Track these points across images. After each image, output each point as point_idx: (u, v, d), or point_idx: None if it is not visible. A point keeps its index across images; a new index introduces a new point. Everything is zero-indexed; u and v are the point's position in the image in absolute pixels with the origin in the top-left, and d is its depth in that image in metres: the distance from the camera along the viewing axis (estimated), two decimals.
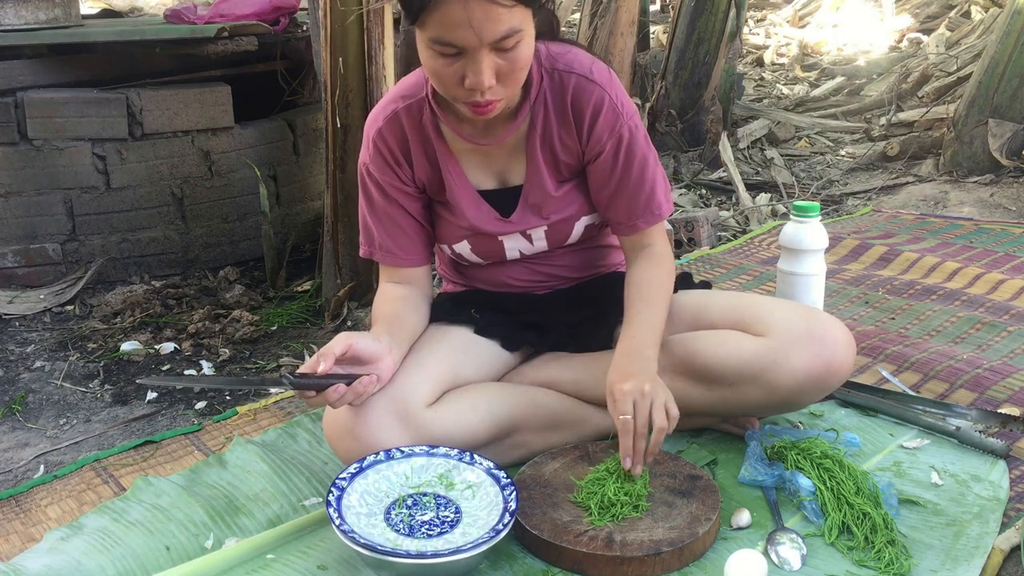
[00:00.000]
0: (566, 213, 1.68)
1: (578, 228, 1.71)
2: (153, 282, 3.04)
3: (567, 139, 1.61)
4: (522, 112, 1.59)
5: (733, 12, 4.43)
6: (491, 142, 1.61)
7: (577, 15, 4.55)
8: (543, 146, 1.62)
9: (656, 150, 1.69)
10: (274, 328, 2.68)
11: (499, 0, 1.35)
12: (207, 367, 2.44)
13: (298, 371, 1.46)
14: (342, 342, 1.48)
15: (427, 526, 1.42)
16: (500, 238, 1.70)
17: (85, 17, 3.73)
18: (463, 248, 1.73)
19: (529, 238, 1.71)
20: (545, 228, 1.69)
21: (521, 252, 1.73)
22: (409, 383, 1.57)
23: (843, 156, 4.54)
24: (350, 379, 1.47)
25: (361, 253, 1.76)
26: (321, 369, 1.43)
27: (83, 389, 2.34)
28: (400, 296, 1.70)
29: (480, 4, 1.35)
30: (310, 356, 2.39)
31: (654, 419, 1.47)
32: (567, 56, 1.60)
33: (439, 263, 1.91)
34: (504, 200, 1.67)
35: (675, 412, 1.49)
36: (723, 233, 3.40)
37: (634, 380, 1.48)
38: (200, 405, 2.19)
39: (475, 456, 1.54)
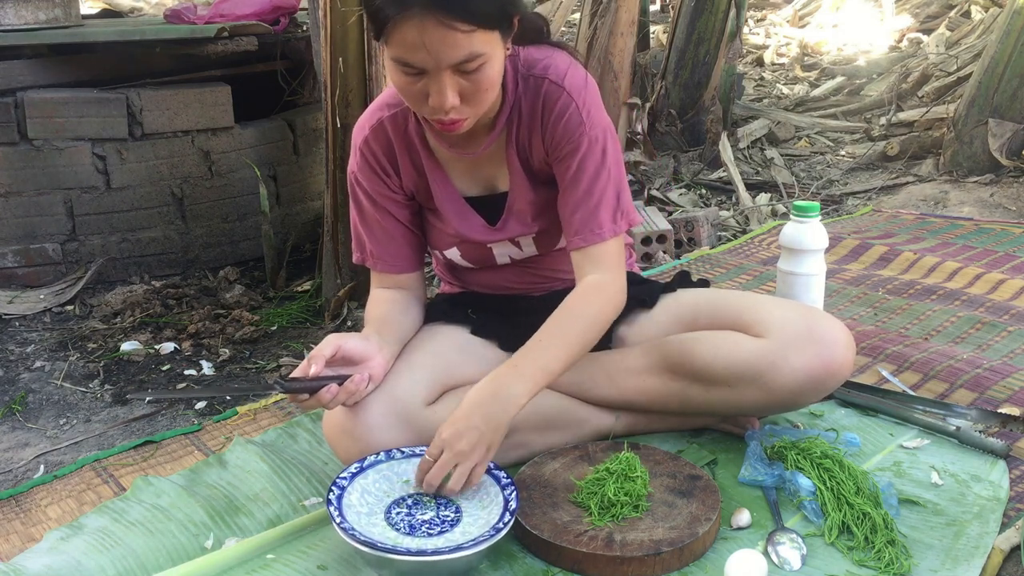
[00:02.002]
0: (551, 219, 1.66)
1: None
2: (153, 282, 3.04)
3: (538, 145, 1.60)
4: (500, 121, 1.58)
5: (733, 12, 4.43)
6: (472, 152, 1.60)
7: (577, 15, 4.54)
8: (520, 153, 1.61)
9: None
10: (274, 328, 2.68)
11: (456, 26, 1.33)
12: (207, 367, 2.44)
13: (289, 376, 1.46)
14: (331, 343, 1.48)
15: (427, 525, 1.42)
16: (488, 245, 1.70)
17: (85, 17, 3.73)
18: (453, 254, 1.73)
19: (518, 244, 1.71)
20: (533, 235, 1.69)
21: (511, 257, 1.73)
22: (407, 383, 1.57)
23: (843, 156, 4.54)
24: (342, 379, 1.47)
25: (354, 259, 1.77)
26: (312, 372, 1.44)
27: (83, 389, 2.34)
28: (390, 299, 1.70)
29: (437, 29, 1.32)
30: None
31: (450, 480, 1.42)
32: (544, 61, 1.57)
33: (436, 265, 1.91)
34: (492, 207, 1.67)
35: (476, 480, 1.44)
36: (723, 233, 3.40)
37: (457, 429, 1.41)
38: (200, 405, 2.19)
39: None
